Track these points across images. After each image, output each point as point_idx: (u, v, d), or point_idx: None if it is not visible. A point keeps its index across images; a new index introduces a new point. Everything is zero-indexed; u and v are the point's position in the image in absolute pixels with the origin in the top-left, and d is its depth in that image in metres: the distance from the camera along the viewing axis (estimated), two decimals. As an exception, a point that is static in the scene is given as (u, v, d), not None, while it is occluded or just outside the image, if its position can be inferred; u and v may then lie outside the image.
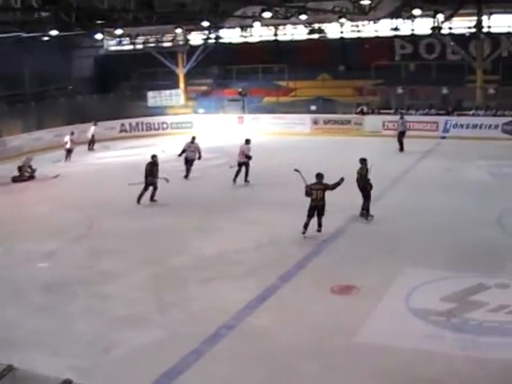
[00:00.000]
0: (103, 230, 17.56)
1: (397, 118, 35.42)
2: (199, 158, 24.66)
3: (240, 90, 41.30)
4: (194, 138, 25.11)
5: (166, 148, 24.05)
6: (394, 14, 37.84)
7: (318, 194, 16.04)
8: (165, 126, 40.09)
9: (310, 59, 42.60)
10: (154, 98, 42.66)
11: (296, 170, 16.54)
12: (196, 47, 43.77)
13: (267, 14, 32.40)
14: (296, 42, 44.01)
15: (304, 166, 23.52)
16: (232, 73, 45.97)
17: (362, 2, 31.92)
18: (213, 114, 40.44)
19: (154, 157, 20.98)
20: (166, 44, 43.57)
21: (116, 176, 25.13)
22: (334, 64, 42.93)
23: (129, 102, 42.41)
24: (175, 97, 43.81)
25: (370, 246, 15.19)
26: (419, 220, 17.40)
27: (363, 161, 17.87)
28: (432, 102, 37.80)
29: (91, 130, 33.69)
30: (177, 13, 35.34)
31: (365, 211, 17.52)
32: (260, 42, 45.22)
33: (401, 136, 30.11)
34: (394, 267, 13.35)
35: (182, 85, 44.31)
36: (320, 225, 16.15)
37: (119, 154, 31.65)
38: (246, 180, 23.38)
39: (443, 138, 34.07)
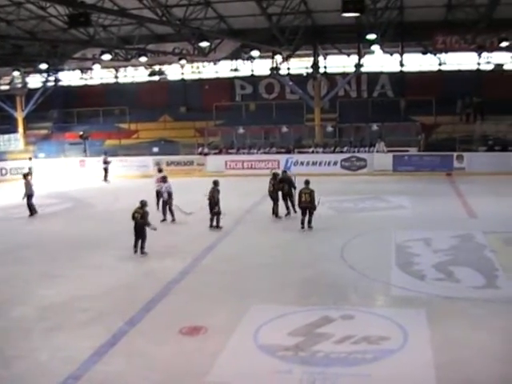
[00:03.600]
0: None
1: (239, 157, 36.33)
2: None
3: (81, 133, 40.60)
4: (165, 178, 23.97)
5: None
6: (234, 56, 38.93)
7: (305, 197, 20.33)
8: (3, 171, 38.47)
9: (151, 101, 42.93)
10: (-9, 142, 41.28)
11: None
12: (35, 90, 42.87)
13: (107, 57, 32.36)
14: (137, 83, 44.32)
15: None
16: (73, 116, 45.34)
17: (201, 44, 32.46)
18: (54, 159, 39.43)
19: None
20: (2, 87, 42.47)
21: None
22: (176, 105, 43.48)
23: (-35, 146, 40.73)
24: (14, 141, 42.62)
25: (217, 284, 15.23)
26: (265, 257, 17.63)
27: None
28: (273, 140, 38.84)
29: None
30: (14, 55, 34.55)
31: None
32: (100, 84, 45.12)
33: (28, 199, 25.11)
34: (241, 305, 13.43)
35: (20, 129, 43.18)
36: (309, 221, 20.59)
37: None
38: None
39: (285, 175, 34.87)
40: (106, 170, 35.68)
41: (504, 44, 31.22)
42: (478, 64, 38.73)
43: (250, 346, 11.29)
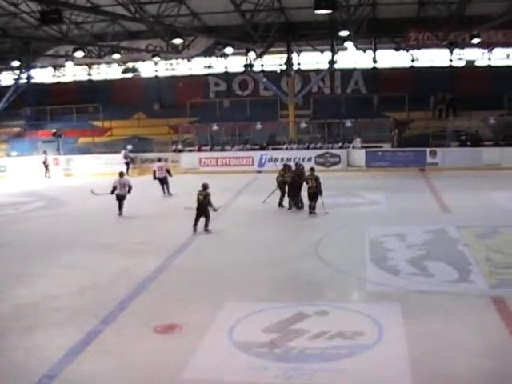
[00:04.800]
0: None
1: (213, 154, 36.26)
2: (129, 191, 23.28)
3: (54, 130, 40.36)
4: (122, 174, 23.88)
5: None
6: (207, 53, 38.85)
7: (311, 182, 22.00)
8: (-23, 170, 38.17)
9: (124, 98, 42.70)
10: (-38, 141, 40.87)
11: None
12: (7, 88, 42.52)
13: (80, 54, 32.16)
14: (110, 81, 44.08)
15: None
16: (45, 113, 44.94)
17: (174, 41, 32.38)
18: (27, 157, 39.08)
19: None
20: (-26, 85, 42.05)
21: None
22: (149, 103, 43.29)
23: None
24: (-14, 139, 42.18)
25: (191, 281, 15.19)
26: (239, 253, 17.65)
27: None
28: (247, 137, 38.83)
29: None
30: (-15, 52, 34.23)
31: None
32: (73, 81, 44.81)
33: None
34: (215, 302, 13.40)
35: (-8, 127, 42.74)
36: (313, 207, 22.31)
37: None
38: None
39: (259, 172, 34.99)
40: (127, 164, 36.06)
41: (475, 40, 31.48)
42: (450, 60, 39.18)
43: (225, 343, 11.28)
